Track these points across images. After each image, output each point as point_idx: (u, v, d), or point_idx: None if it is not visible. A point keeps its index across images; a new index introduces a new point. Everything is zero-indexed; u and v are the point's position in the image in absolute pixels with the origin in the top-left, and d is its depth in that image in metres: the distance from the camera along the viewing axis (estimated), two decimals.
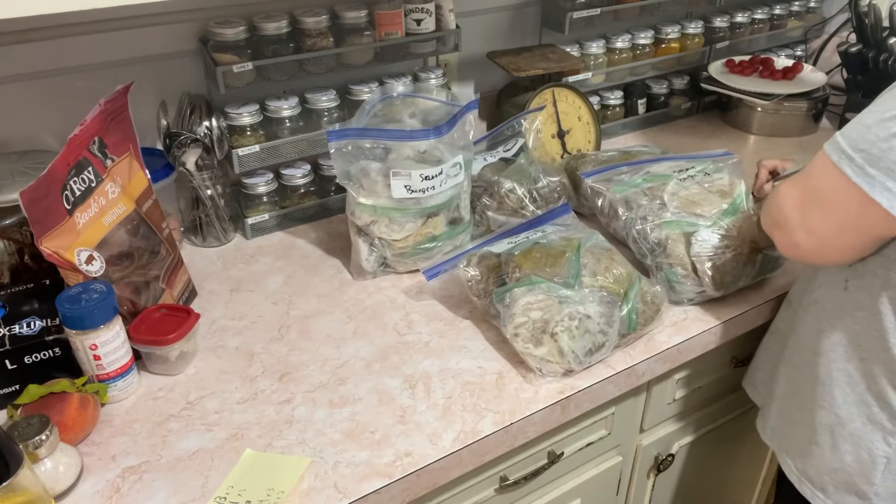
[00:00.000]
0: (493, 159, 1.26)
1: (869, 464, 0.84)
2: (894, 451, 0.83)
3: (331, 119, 1.21)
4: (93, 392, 0.84)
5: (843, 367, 0.86)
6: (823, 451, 0.89)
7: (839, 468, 0.87)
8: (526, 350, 0.91)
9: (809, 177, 0.79)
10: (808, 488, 0.92)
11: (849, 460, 0.86)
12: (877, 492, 0.85)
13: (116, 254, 0.91)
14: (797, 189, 0.80)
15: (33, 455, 0.72)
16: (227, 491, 0.76)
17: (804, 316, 0.93)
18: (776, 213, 0.83)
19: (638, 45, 1.55)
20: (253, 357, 0.96)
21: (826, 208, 0.77)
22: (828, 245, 0.79)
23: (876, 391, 0.83)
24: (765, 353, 1.06)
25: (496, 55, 1.40)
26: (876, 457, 0.84)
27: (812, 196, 0.78)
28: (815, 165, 0.78)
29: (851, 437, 0.85)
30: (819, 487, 0.91)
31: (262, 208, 1.22)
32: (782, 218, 0.82)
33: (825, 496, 0.90)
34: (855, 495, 0.87)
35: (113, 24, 1.08)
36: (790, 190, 0.81)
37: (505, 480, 0.96)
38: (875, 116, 0.72)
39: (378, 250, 1.09)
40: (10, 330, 0.86)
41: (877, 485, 0.84)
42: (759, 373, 1.06)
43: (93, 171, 0.89)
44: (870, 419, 0.84)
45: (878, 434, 0.83)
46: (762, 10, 1.70)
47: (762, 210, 0.88)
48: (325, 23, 1.15)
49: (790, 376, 0.96)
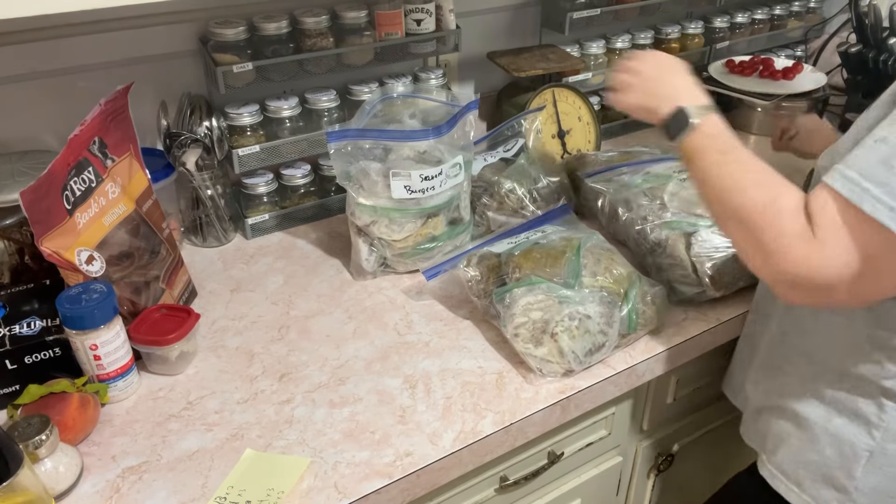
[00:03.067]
0: (493, 159, 1.26)
1: (851, 457, 0.83)
2: (878, 444, 0.81)
3: (331, 119, 1.21)
4: (93, 392, 0.84)
5: (825, 364, 0.84)
6: (802, 444, 0.87)
7: (818, 461, 0.85)
8: (526, 350, 0.91)
9: (858, 244, 0.66)
10: (783, 482, 0.89)
11: (829, 453, 0.84)
12: (857, 486, 0.83)
13: (117, 254, 0.91)
14: (847, 254, 0.66)
15: (33, 455, 0.72)
16: (227, 491, 0.76)
17: (770, 321, 0.91)
18: (816, 277, 0.68)
19: (638, 45, 1.55)
20: (253, 357, 0.96)
21: (882, 273, 0.67)
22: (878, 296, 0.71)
23: (859, 387, 0.81)
24: (738, 357, 1.03)
25: (496, 55, 1.40)
26: (858, 450, 0.82)
27: (869, 265, 0.66)
28: (859, 230, 0.66)
29: (834, 430, 0.84)
30: (794, 482, 0.88)
31: (262, 208, 1.22)
32: (823, 283, 0.68)
33: (800, 490, 0.88)
34: (833, 489, 0.85)
35: (113, 24, 1.08)
36: (834, 254, 0.67)
37: (505, 480, 0.96)
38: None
39: (378, 250, 1.09)
40: (10, 330, 0.86)
41: (857, 479, 0.83)
42: (734, 377, 1.04)
43: (93, 172, 0.89)
44: (855, 413, 0.82)
45: (862, 428, 0.81)
46: (762, 11, 1.70)
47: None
48: (325, 23, 1.15)
49: (761, 378, 0.94)
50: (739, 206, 0.73)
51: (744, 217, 0.72)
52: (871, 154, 0.66)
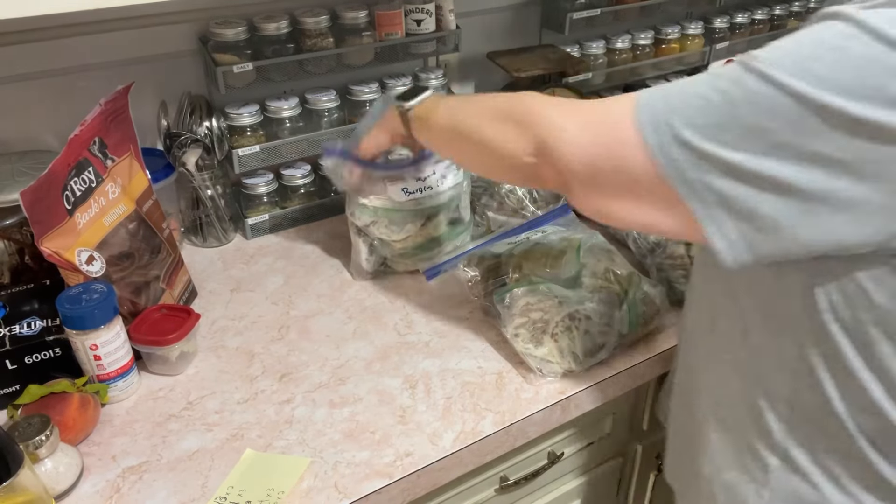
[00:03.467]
0: None
1: None
2: (766, 502, 0.71)
3: (331, 119, 1.21)
4: (93, 392, 0.84)
5: (714, 410, 0.75)
6: (700, 497, 0.79)
7: None
8: (526, 350, 0.91)
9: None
10: None
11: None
12: None
13: (117, 254, 0.91)
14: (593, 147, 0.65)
15: (33, 455, 0.72)
16: (227, 491, 0.76)
17: (681, 353, 0.85)
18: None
19: (638, 45, 1.55)
20: (253, 357, 0.96)
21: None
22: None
23: (746, 440, 0.72)
24: (666, 387, 0.96)
25: (496, 55, 1.40)
26: None
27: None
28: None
29: (726, 486, 0.74)
30: None
31: (262, 208, 1.22)
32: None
33: None
34: None
35: (113, 24, 1.08)
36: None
37: (505, 481, 0.96)
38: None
39: (378, 251, 1.09)
40: (10, 330, 0.86)
41: None
42: (662, 406, 0.98)
43: (93, 172, 0.89)
44: (744, 468, 0.72)
45: (751, 486, 0.72)
46: (762, 11, 1.70)
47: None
48: (325, 23, 1.15)
49: (676, 414, 0.87)
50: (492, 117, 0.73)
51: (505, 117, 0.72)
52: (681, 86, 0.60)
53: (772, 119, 0.53)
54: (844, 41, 0.51)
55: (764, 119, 0.53)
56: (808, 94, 0.51)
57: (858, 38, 0.51)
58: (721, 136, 0.55)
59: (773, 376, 0.67)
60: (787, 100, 0.52)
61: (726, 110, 0.55)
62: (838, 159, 0.52)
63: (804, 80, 0.52)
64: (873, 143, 0.50)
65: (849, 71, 0.51)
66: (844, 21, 0.52)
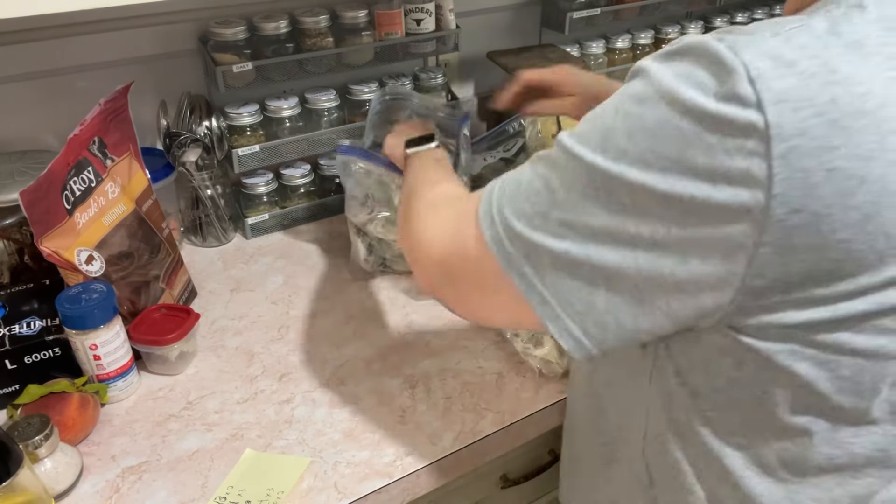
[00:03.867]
0: (492, 159, 1.26)
1: None
2: None
3: (330, 119, 1.21)
4: (93, 392, 0.84)
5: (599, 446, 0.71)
6: None
7: None
8: (526, 350, 0.91)
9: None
10: None
11: None
12: None
13: (116, 254, 0.91)
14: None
15: (33, 455, 0.72)
16: (227, 491, 0.76)
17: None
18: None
19: (638, 45, 1.55)
20: (253, 357, 0.96)
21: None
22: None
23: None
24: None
25: (496, 55, 1.40)
26: None
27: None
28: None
29: None
30: None
31: (262, 208, 1.22)
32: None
33: None
34: None
35: (113, 24, 1.08)
36: None
37: (505, 481, 0.96)
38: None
39: (377, 250, 1.09)
40: (10, 330, 0.86)
41: None
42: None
43: (93, 171, 0.89)
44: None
45: None
46: (762, 11, 1.70)
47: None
48: (325, 23, 1.15)
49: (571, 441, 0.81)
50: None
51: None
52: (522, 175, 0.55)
53: (585, 202, 0.48)
54: (639, 106, 0.46)
55: (580, 203, 0.48)
56: (611, 171, 0.46)
57: (651, 101, 0.45)
58: (546, 224, 0.50)
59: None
60: (596, 178, 0.47)
61: (545, 197, 0.51)
62: (659, 240, 0.46)
63: (606, 154, 0.47)
64: (686, 218, 0.45)
65: (645, 142, 0.45)
66: (642, 79, 0.47)
